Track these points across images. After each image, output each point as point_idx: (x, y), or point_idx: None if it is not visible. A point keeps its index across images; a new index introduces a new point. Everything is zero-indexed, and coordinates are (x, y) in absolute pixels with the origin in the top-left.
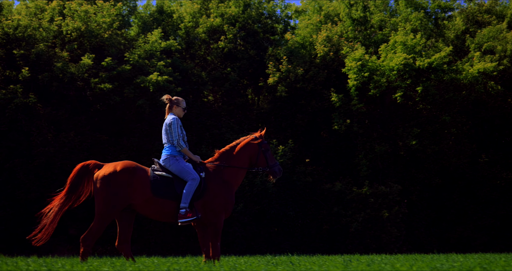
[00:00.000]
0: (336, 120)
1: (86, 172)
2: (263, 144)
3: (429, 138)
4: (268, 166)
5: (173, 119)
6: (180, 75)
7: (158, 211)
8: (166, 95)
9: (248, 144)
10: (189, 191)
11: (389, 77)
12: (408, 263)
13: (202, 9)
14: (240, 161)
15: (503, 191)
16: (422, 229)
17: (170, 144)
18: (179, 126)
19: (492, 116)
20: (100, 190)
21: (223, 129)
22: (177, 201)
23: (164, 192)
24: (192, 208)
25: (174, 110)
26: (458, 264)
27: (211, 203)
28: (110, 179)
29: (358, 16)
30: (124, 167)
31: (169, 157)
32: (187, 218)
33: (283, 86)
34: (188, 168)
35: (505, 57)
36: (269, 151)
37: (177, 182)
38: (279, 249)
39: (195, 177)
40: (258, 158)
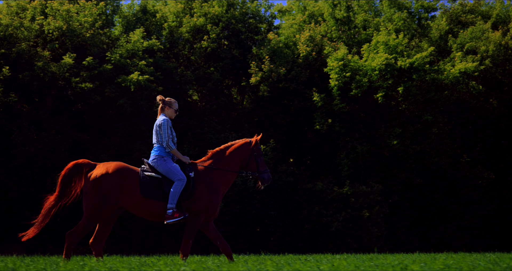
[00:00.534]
0: (318, 120)
1: (77, 170)
2: (257, 148)
3: (411, 138)
4: (258, 171)
5: (163, 120)
6: (162, 75)
7: (148, 211)
8: (159, 96)
9: (242, 146)
10: (175, 191)
11: (371, 77)
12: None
13: (186, 8)
14: (231, 163)
15: (484, 190)
16: (403, 228)
17: (160, 144)
18: (169, 127)
19: (474, 116)
20: (90, 192)
21: (205, 129)
22: (165, 201)
23: (154, 192)
24: (179, 208)
25: (166, 111)
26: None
27: (195, 202)
28: (101, 182)
29: (342, 16)
30: (115, 170)
31: (157, 157)
32: (174, 218)
33: (266, 86)
34: (175, 169)
35: (487, 57)
36: (262, 157)
37: (166, 182)
38: (260, 249)
39: (182, 178)
40: (249, 162)
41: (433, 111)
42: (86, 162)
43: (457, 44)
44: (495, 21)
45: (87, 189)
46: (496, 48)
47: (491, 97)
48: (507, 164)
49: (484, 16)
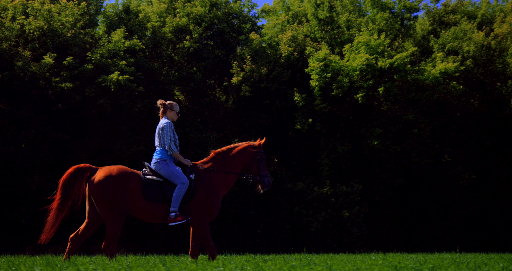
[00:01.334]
0: (299, 120)
1: (79, 175)
2: (259, 152)
3: (392, 138)
4: (259, 175)
5: (166, 123)
6: (144, 75)
7: (151, 214)
8: (160, 100)
9: (245, 149)
10: (178, 195)
11: (352, 78)
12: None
13: (169, 8)
14: (233, 165)
15: (465, 191)
16: (384, 228)
17: (162, 147)
18: (172, 130)
19: (455, 116)
20: (98, 195)
21: (187, 129)
22: (168, 204)
23: (155, 196)
24: (182, 211)
25: (168, 114)
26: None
27: (195, 205)
28: (107, 184)
29: (324, 16)
30: (118, 173)
31: (159, 160)
32: (177, 221)
33: (247, 86)
34: (177, 172)
35: (469, 57)
36: (264, 161)
37: (167, 186)
38: (241, 249)
39: (184, 181)
40: (251, 165)
41: (414, 111)
42: (88, 166)
43: (438, 45)
44: (480, 21)
45: (94, 193)
46: (478, 49)
47: (472, 98)
48: (488, 164)
49: (470, 16)
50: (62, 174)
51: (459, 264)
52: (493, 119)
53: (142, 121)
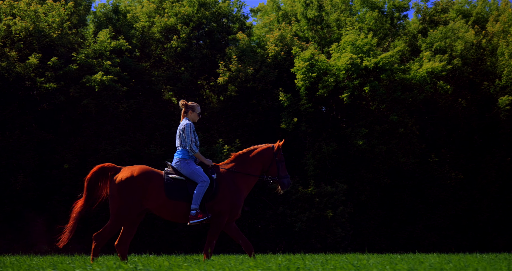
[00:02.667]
0: (285, 119)
1: (102, 174)
2: (279, 154)
3: (378, 138)
4: (278, 176)
5: (187, 124)
6: (130, 75)
7: (172, 212)
8: (182, 100)
9: (264, 151)
10: (199, 193)
11: (338, 77)
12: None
13: (160, 8)
14: (253, 167)
15: (453, 190)
16: (371, 229)
17: (183, 148)
18: (193, 131)
19: (443, 116)
20: (116, 195)
21: (173, 129)
22: (189, 202)
23: (178, 194)
24: (203, 209)
25: (189, 115)
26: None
27: (218, 204)
28: (127, 185)
29: (313, 15)
30: (140, 173)
31: (180, 160)
32: (197, 218)
33: (234, 86)
34: (198, 171)
35: (456, 56)
36: (283, 162)
37: (189, 184)
38: (226, 249)
39: (205, 179)
40: (271, 167)
41: (400, 111)
42: (111, 165)
43: (426, 44)
44: (475, 20)
45: (113, 192)
46: (468, 48)
47: (460, 97)
48: (477, 163)
49: (466, 15)
50: (47, 174)
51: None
52: (482, 119)
53: (127, 121)
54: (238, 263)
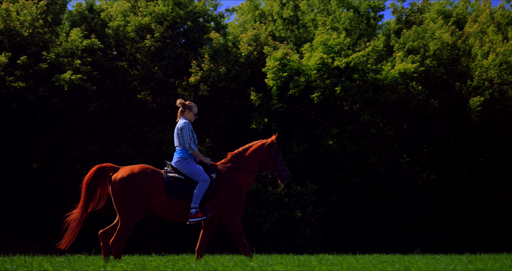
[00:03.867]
0: (255, 119)
1: (102, 174)
2: (274, 149)
3: (349, 138)
4: (277, 170)
5: (184, 123)
6: (100, 74)
7: (172, 211)
8: (179, 99)
9: (260, 147)
10: (199, 192)
11: (309, 77)
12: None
13: (136, 7)
14: (250, 164)
15: (425, 191)
16: (342, 229)
17: (182, 147)
18: (190, 130)
19: (416, 116)
20: (119, 193)
21: (145, 128)
22: (190, 201)
23: (178, 192)
24: (202, 208)
25: (186, 114)
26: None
27: (223, 204)
28: (128, 182)
29: (288, 15)
30: (141, 170)
31: (180, 159)
32: (197, 217)
33: (206, 85)
34: (198, 170)
35: (429, 57)
36: (279, 156)
37: (189, 183)
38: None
39: (206, 179)
40: (268, 162)
41: (371, 111)
42: (110, 165)
43: (399, 44)
44: (455, 20)
45: (115, 191)
46: (439, 48)
47: (432, 98)
48: (450, 164)
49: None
50: (16, 173)
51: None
52: (455, 120)
53: (99, 121)
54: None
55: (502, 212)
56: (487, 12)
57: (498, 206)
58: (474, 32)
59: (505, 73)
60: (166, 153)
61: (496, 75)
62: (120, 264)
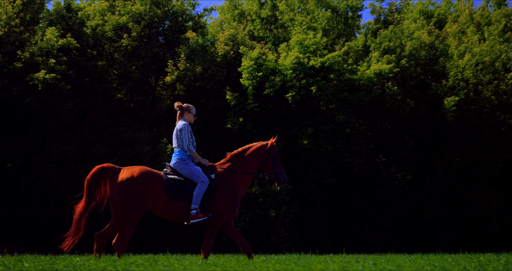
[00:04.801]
0: (231, 119)
1: (102, 174)
2: (273, 151)
3: (324, 138)
4: (274, 173)
5: (183, 125)
6: (76, 73)
7: (172, 213)
8: (177, 102)
9: (258, 149)
10: (199, 193)
11: (285, 77)
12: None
13: (114, 6)
14: (249, 165)
15: (401, 191)
16: (317, 229)
17: (180, 148)
18: (189, 132)
19: (392, 116)
20: (117, 195)
21: (120, 128)
22: (189, 202)
23: (177, 194)
24: (203, 209)
25: (185, 116)
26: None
27: (216, 204)
28: (127, 186)
29: (266, 15)
30: (140, 173)
31: (179, 161)
32: (198, 218)
33: (182, 85)
34: (197, 171)
35: (405, 57)
36: (278, 159)
37: (189, 184)
38: (170, 249)
39: (205, 180)
40: (266, 164)
41: (346, 111)
42: (111, 166)
43: (375, 44)
44: (437, 20)
45: (114, 193)
46: (415, 48)
47: (409, 98)
48: (426, 164)
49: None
50: None
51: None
52: (432, 120)
53: (74, 120)
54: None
55: (478, 212)
56: (466, 12)
57: (474, 206)
58: (453, 32)
59: (481, 74)
60: (141, 152)
61: (471, 76)
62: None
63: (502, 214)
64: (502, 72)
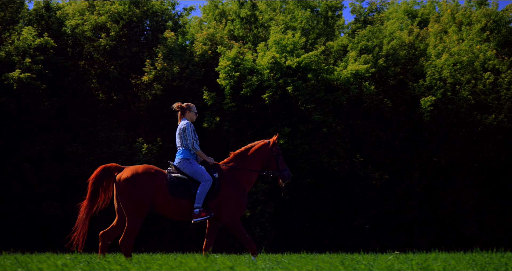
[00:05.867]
0: (208, 118)
1: (107, 174)
2: (275, 149)
3: (301, 137)
4: (278, 169)
5: (187, 124)
6: (52, 73)
7: (176, 211)
8: (177, 103)
9: (261, 147)
10: (202, 192)
11: (262, 77)
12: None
13: (93, 6)
14: (252, 163)
15: (379, 191)
16: (294, 229)
17: (184, 147)
18: (193, 130)
19: (370, 116)
20: (124, 192)
21: (98, 127)
22: (192, 200)
23: (181, 192)
24: (206, 207)
25: (187, 115)
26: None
27: (225, 204)
28: (133, 181)
29: (245, 14)
30: (145, 170)
31: (182, 160)
32: (201, 217)
33: (159, 84)
34: (201, 170)
35: (382, 56)
36: (281, 156)
37: (192, 183)
38: (147, 248)
39: (208, 178)
40: (270, 162)
41: (323, 111)
42: (115, 165)
43: (353, 44)
44: (420, 20)
45: (121, 191)
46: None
47: (386, 97)
48: (404, 164)
49: (414, 15)
50: None
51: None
52: (410, 119)
53: (51, 119)
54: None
55: (455, 212)
56: (448, 12)
57: (451, 206)
58: (434, 32)
59: (459, 73)
60: (116, 152)
61: (449, 75)
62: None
63: (479, 214)
64: (480, 72)
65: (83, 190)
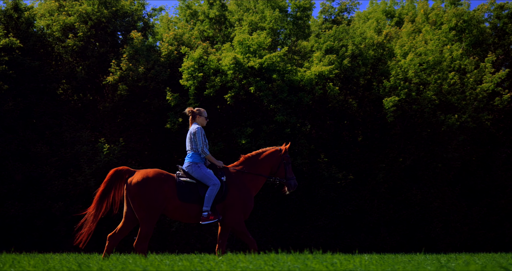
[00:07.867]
0: (171, 119)
1: (118, 177)
2: (286, 157)
3: (264, 138)
4: (285, 177)
5: (197, 128)
6: (17, 73)
7: (185, 214)
8: (189, 108)
9: (273, 154)
10: (210, 195)
11: (226, 77)
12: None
13: (62, 7)
14: (262, 168)
15: (344, 191)
16: (258, 229)
17: (194, 151)
18: (203, 135)
19: (335, 116)
20: (135, 196)
21: (64, 127)
22: (201, 204)
23: (189, 196)
24: (214, 211)
25: (197, 120)
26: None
27: (231, 207)
28: (144, 185)
29: (214, 15)
30: (155, 174)
31: (191, 164)
32: (209, 220)
33: (125, 85)
34: (209, 174)
35: (347, 57)
36: (290, 164)
37: (200, 187)
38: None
39: (216, 183)
40: (279, 169)
41: (286, 111)
42: (126, 168)
43: (319, 44)
44: (397, 20)
45: (132, 195)
46: (358, 48)
47: (351, 98)
48: (371, 164)
49: (392, 15)
50: None
51: None
52: (376, 120)
53: (16, 120)
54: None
55: (420, 212)
56: (421, 12)
57: (416, 206)
58: (407, 32)
59: (425, 73)
60: (79, 152)
61: (414, 75)
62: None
63: (444, 214)
64: (447, 72)
65: (45, 190)
